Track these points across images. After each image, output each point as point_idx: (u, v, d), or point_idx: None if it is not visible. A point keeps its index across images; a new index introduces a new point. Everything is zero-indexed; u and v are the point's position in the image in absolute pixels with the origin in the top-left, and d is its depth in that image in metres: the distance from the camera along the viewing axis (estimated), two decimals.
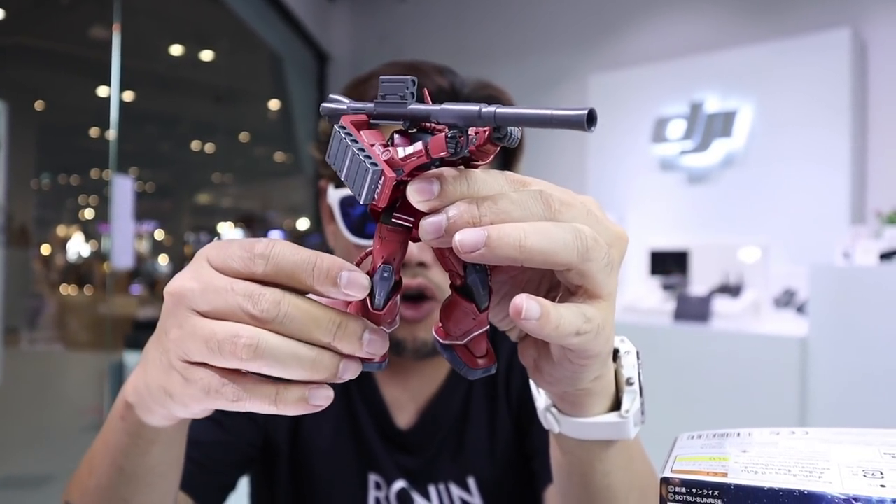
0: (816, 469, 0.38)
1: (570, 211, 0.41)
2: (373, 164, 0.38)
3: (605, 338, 0.43)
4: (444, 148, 0.37)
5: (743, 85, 3.97)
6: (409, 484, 0.99)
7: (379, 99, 0.40)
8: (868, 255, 3.07)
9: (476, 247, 0.37)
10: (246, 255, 0.42)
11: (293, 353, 0.40)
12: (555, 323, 0.38)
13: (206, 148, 7.97)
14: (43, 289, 5.03)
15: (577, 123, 0.34)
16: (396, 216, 0.41)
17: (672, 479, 0.39)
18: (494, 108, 0.36)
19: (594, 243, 0.40)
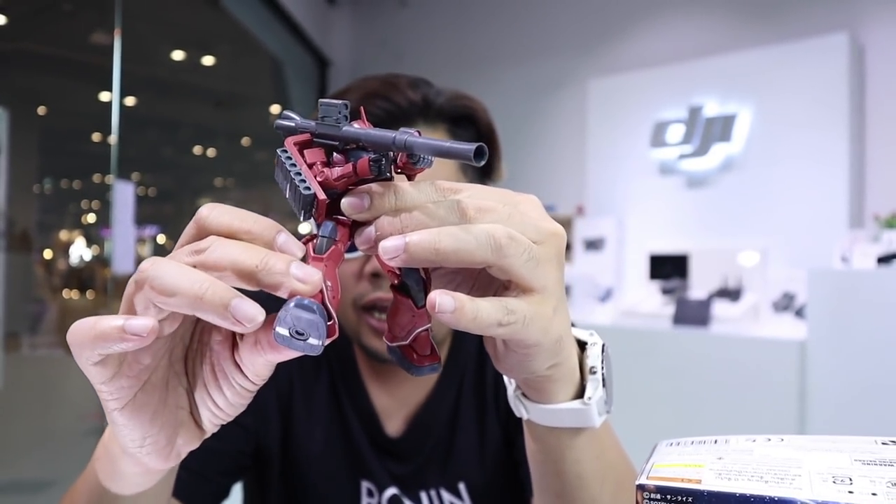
0: (788, 476, 0.39)
1: (488, 216, 0.44)
2: (306, 188, 0.42)
3: (541, 328, 0.46)
4: (367, 171, 0.42)
5: (741, 89, 3.98)
6: (401, 491, 1.00)
7: (319, 120, 0.44)
8: (866, 259, 3.07)
9: (396, 253, 0.41)
10: (194, 219, 0.44)
11: (181, 272, 0.40)
12: (471, 315, 0.42)
13: (207, 152, 7.98)
14: (44, 293, 5.03)
15: (465, 156, 0.38)
16: (336, 216, 0.44)
17: (647, 485, 0.40)
18: (406, 137, 0.40)
19: (508, 241, 0.43)
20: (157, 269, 0.40)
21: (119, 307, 0.46)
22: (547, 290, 0.46)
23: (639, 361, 3.51)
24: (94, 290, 5.58)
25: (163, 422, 0.48)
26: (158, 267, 0.40)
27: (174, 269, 0.40)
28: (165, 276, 0.40)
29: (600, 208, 4.50)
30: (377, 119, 0.91)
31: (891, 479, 0.37)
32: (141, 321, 0.40)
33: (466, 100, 0.97)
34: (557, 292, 0.47)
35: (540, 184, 4.95)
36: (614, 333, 3.67)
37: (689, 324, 3.54)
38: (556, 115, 4.93)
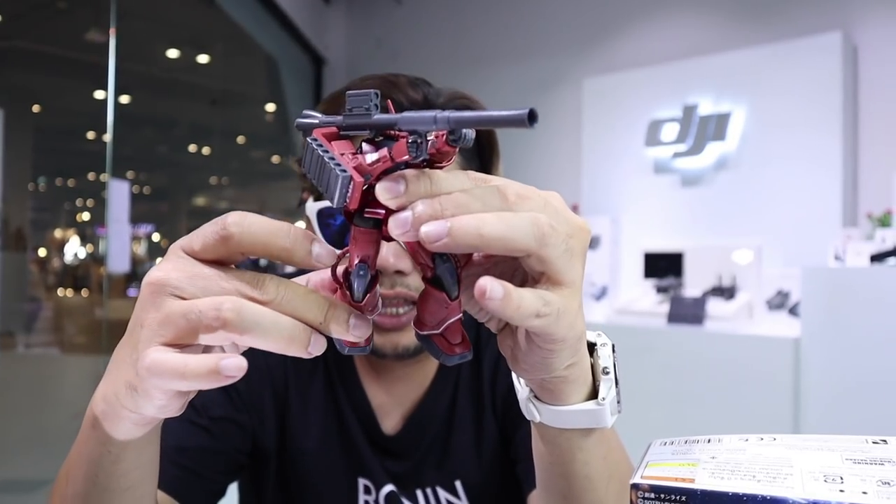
0: (780, 474, 0.39)
1: (527, 203, 0.44)
2: (342, 170, 0.41)
3: (568, 323, 0.45)
4: (405, 152, 0.41)
5: (736, 88, 3.99)
6: (398, 488, 1.00)
7: (346, 112, 0.43)
8: (859, 257, 3.09)
9: (440, 236, 0.40)
10: (219, 225, 0.44)
11: (274, 322, 0.43)
12: (516, 303, 0.41)
13: (202, 151, 7.97)
14: (39, 292, 5.02)
15: (518, 121, 0.38)
16: (368, 210, 0.44)
17: (641, 484, 0.41)
18: (448, 113, 0.39)
19: (551, 230, 0.43)
20: (244, 315, 0.42)
21: (113, 306, 0.47)
22: (575, 284, 0.46)
23: (634, 359, 3.51)
24: (89, 289, 5.57)
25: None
26: (244, 312, 0.42)
27: (267, 318, 0.43)
28: (257, 322, 0.42)
29: (595, 207, 4.51)
30: None
31: (881, 478, 0.38)
32: (235, 361, 0.42)
33: (466, 99, 0.97)
34: (580, 288, 0.47)
35: (535, 182, 4.84)
36: (609, 331, 3.64)
37: (683, 322, 3.55)
38: (551, 113, 4.93)
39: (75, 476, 0.59)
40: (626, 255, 4.34)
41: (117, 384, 0.49)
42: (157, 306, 0.44)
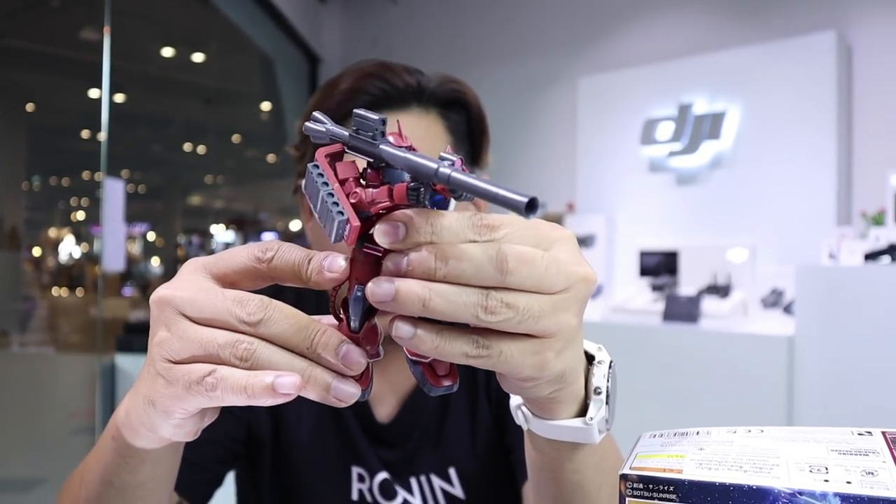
0: (766, 465, 0.40)
1: (526, 269, 0.42)
2: (339, 212, 0.41)
3: (534, 365, 0.44)
4: (405, 199, 0.40)
5: (731, 87, 4.00)
6: (392, 476, 1.01)
7: (352, 131, 0.43)
8: (854, 256, 3.10)
9: (385, 299, 0.41)
10: (256, 250, 0.46)
11: (288, 363, 0.44)
12: (432, 344, 0.42)
13: (197, 149, 7.96)
14: (34, 291, 5.02)
15: (516, 206, 0.36)
16: (367, 246, 0.44)
17: (630, 475, 0.41)
18: (450, 172, 0.38)
19: (501, 307, 0.41)
20: (224, 376, 0.44)
21: (108, 305, 0.48)
22: (551, 336, 0.44)
23: (629, 357, 3.52)
24: (84, 288, 5.56)
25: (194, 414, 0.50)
26: (225, 377, 0.44)
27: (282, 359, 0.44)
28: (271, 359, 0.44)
29: (590, 205, 4.52)
30: (373, 98, 0.94)
31: (865, 468, 0.39)
32: (290, 378, 0.43)
33: (456, 83, 1.00)
34: (566, 336, 0.45)
35: (530, 181, 4.96)
36: (604, 330, 3.69)
37: (678, 320, 3.56)
38: (546, 112, 4.94)
39: (91, 481, 0.61)
40: (622, 253, 4.35)
41: (137, 398, 0.50)
42: (166, 324, 0.46)
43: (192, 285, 0.46)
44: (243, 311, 0.44)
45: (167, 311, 0.46)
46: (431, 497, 1.01)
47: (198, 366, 0.44)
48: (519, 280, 0.42)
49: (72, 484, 0.69)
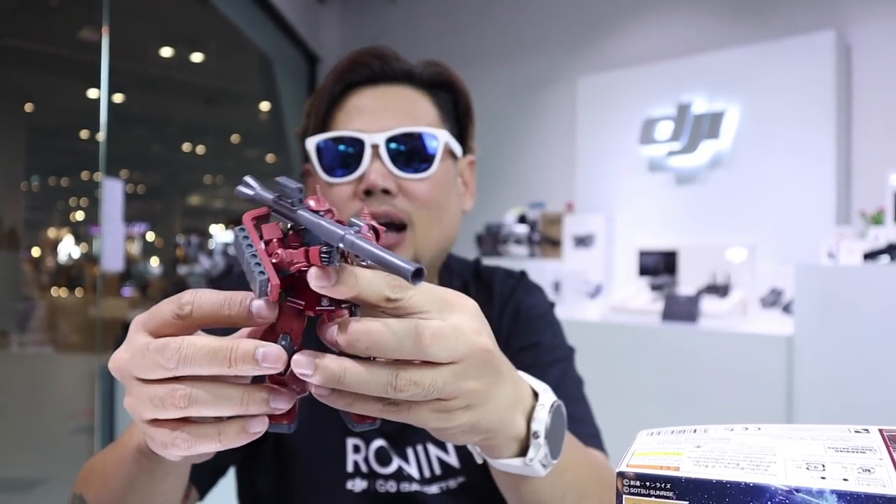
0: (763, 463, 0.40)
1: (441, 341, 0.48)
2: (261, 272, 0.46)
3: (439, 418, 0.52)
4: (318, 261, 0.45)
5: (730, 86, 4.00)
6: (388, 444, 1.02)
7: (276, 197, 0.48)
8: (853, 255, 3.09)
9: (306, 372, 0.47)
10: (175, 304, 0.49)
11: (222, 394, 0.47)
12: (345, 403, 0.49)
13: (196, 150, 7.96)
14: (33, 291, 5.02)
15: (403, 274, 0.42)
16: (290, 300, 0.49)
17: (627, 472, 0.41)
18: (353, 239, 0.43)
19: (409, 385, 0.47)
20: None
21: (107, 305, 0.52)
22: (453, 398, 0.51)
23: (627, 357, 3.52)
24: (83, 288, 5.56)
25: None
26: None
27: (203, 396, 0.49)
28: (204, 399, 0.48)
29: (590, 205, 4.52)
30: (371, 72, 1.02)
31: (862, 465, 0.39)
32: (258, 421, 0.49)
33: (440, 67, 1.08)
34: (469, 399, 0.51)
35: (530, 181, 4.96)
36: (603, 329, 3.69)
37: (677, 320, 3.56)
38: (545, 112, 4.94)
39: (115, 486, 0.68)
40: (621, 253, 4.35)
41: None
42: (128, 390, 0.51)
43: (133, 345, 0.50)
44: (163, 359, 0.47)
45: (124, 377, 0.51)
46: (427, 465, 1.02)
47: (163, 430, 0.49)
48: (433, 353, 0.48)
49: (94, 481, 0.74)
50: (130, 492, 0.66)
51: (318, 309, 0.49)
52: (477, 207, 1.16)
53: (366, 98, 1.01)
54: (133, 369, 0.49)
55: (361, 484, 1.01)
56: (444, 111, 1.06)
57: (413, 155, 0.98)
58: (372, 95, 1.01)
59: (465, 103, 1.09)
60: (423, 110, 1.02)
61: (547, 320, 1.11)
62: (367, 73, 1.02)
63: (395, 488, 1.00)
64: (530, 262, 4.17)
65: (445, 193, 1.02)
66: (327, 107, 1.02)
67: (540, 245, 4.47)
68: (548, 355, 1.04)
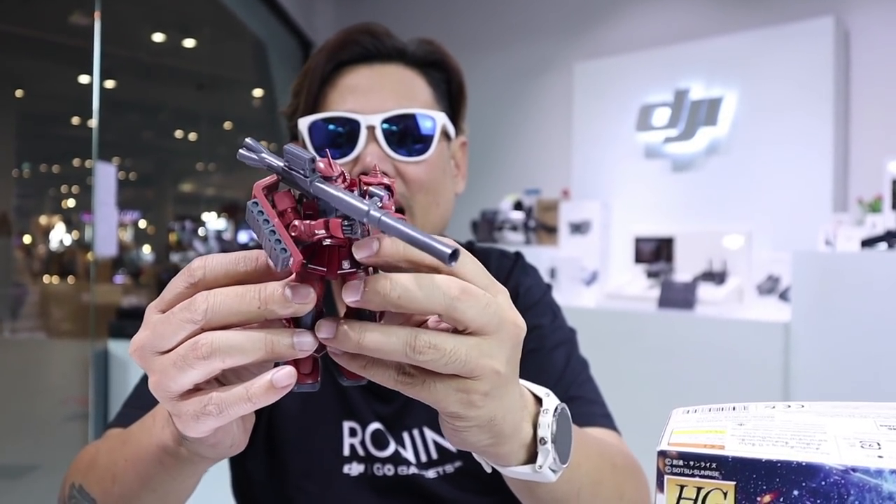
0: (814, 441, 0.38)
1: (472, 300, 0.46)
2: (283, 249, 0.44)
3: (461, 401, 0.48)
4: (339, 233, 0.44)
5: (727, 73, 3.98)
6: (385, 427, 1.01)
7: (285, 166, 0.46)
8: (850, 242, 3.09)
9: (327, 336, 0.46)
10: (186, 275, 0.48)
11: (245, 338, 0.46)
12: (360, 365, 0.48)
13: (189, 136, 7.90)
14: (25, 278, 4.98)
15: (440, 255, 0.40)
16: (311, 267, 0.47)
17: (669, 451, 0.39)
18: (379, 216, 0.41)
19: (427, 348, 0.45)
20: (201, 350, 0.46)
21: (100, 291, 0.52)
22: (476, 378, 0.48)
23: (624, 344, 3.51)
24: (75, 275, 5.53)
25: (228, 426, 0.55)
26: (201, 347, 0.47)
27: (232, 340, 0.47)
28: (229, 346, 0.47)
29: (586, 192, 4.50)
30: (363, 50, 1.00)
31: None
32: (284, 371, 0.47)
33: (433, 45, 1.05)
34: (492, 381, 0.48)
35: (525, 167, 4.94)
36: (600, 316, 3.68)
37: (674, 306, 3.55)
38: (541, 98, 4.92)
39: (128, 483, 0.67)
40: (617, 239, 4.34)
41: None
42: (151, 369, 0.49)
43: (152, 321, 0.49)
44: (191, 312, 0.46)
45: (145, 356, 0.49)
46: (423, 449, 1.01)
47: (193, 400, 0.48)
48: (462, 310, 0.45)
49: (99, 475, 0.72)
50: (146, 490, 0.65)
51: (340, 272, 0.47)
52: (472, 194, 1.15)
53: (359, 77, 0.99)
54: (155, 342, 0.48)
55: (358, 468, 1.00)
56: (437, 91, 1.04)
57: (409, 137, 0.97)
58: (365, 74, 0.99)
59: (458, 82, 1.07)
60: (418, 90, 1.01)
61: (546, 302, 1.09)
62: (359, 51, 1.00)
63: (392, 472, 0.99)
64: (526, 249, 4.15)
65: (441, 176, 1.01)
66: (318, 86, 1.00)
67: (536, 232, 4.45)
68: (550, 338, 1.03)
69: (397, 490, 0.99)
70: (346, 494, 1.00)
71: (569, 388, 0.98)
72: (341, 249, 0.47)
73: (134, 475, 0.65)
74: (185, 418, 0.48)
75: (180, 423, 0.50)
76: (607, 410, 1.00)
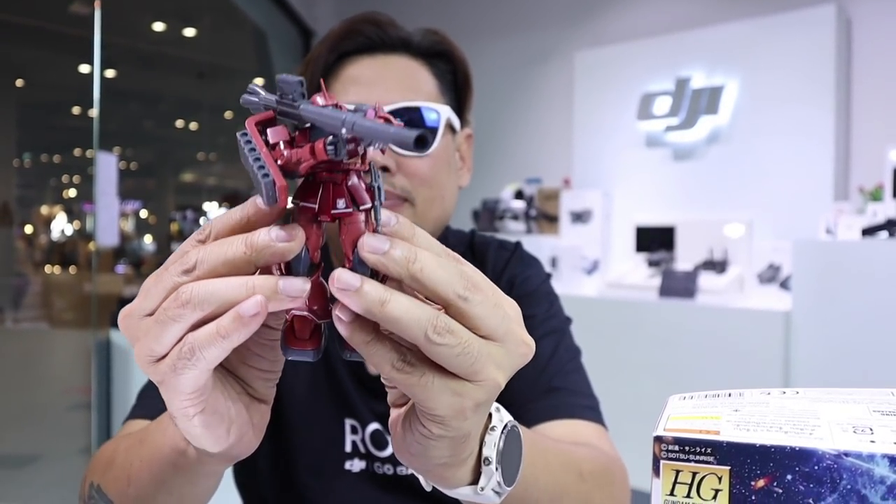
0: (807, 426, 0.38)
1: (479, 294, 0.43)
2: (265, 175, 0.41)
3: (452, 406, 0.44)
4: (324, 154, 0.41)
5: (729, 61, 3.97)
6: (383, 427, 1.01)
7: (279, 97, 0.43)
8: (851, 231, 3.09)
9: (348, 288, 0.41)
10: (195, 235, 0.45)
11: (226, 282, 0.42)
12: (364, 338, 0.43)
13: (190, 126, 7.90)
14: (27, 268, 4.99)
15: (404, 141, 0.36)
16: (302, 203, 0.44)
17: (665, 437, 0.40)
18: (354, 119, 0.38)
19: (446, 332, 0.42)
20: (195, 293, 0.43)
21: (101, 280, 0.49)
22: (477, 382, 0.44)
23: (625, 333, 3.52)
24: (77, 265, 5.55)
25: (234, 418, 0.50)
26: (195, 291, 0.43)
27: (217, 285, 0.43)
28: (211, 292, 0.43)
29: (587, 181, 4.50)
30: (367, 41, 0.98)
31: None
32: (251, 301, 0.42)
33: (438, 36, 1.03)
34: (489, 391, 0.45)
35: (527, 156, 4.93)
36: (601, 305, 3.68)
37: (674, 295, 3.56)
38: (542, 87, 4.91)
39: (144, 485, 0.64)
40: (618, 228, 4.34)
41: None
42: (135, 333, 0.45)
43: (144, 288, 0.46)
44: (181, 265, 0.43)
45: (132, 322, 0.46)
46: None
47: (169, 356, 0.44)
48: (474, 301, 0.43)
49: (115, 475, 0.70)
50: (161, 492, 0.63)
51: (335, 213, 0.44)
52: (473, 183, 1.14)
53: (362, 68, 0.97)
54: (145, 303, 0.45)
55: (360, 464, 1.00)
56: (443, 83, 1.02)
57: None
58: (369, 65, 0.98)
59: (464, 74, 1.05)
60: (422, 82, 0.99)
61: (542, 292, 1.08)
62: (362, 42, 0.98)
63: (391, 471, 0.99)
64: (527, 238, 4.16)
65: (445, 170, 1.00)
66: (321, 77, 0.98)
67: (537, 221, 4.45)
68: (540, 328, 1.01)
69: (398, 487, 1.00)
70: (349, 489, 1.00)
71: (552, 379, 0.97)
72: (336, 187, 0.44)
73: (149, 477, 0.63)
74: (165, 378, 0.44)
75: (163, 388, 0.46)
76: (593, 402, 0.98)
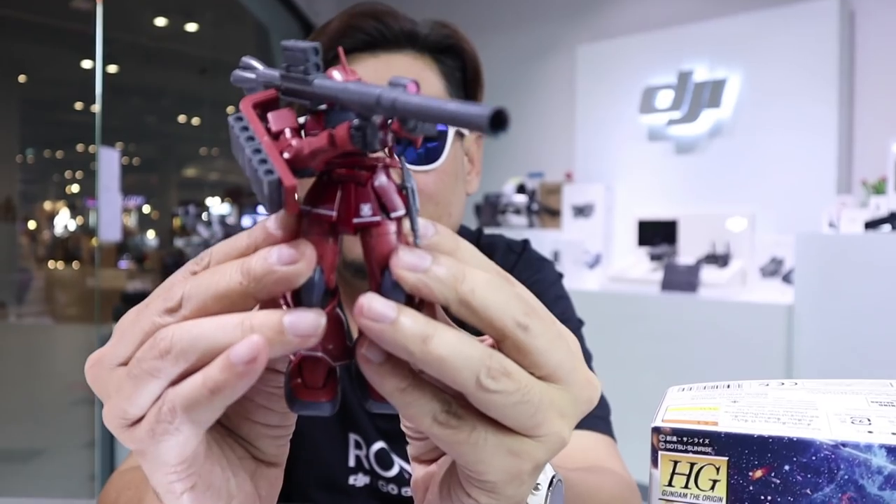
0: (805, 417, 0.38)
1: (541, 325, 0.34)
2: (267, 171, 0.30)
3: (506, 470, 0.34)
4: (348, 143, 0.30)
5: (731, 55, 3.96)
6: (388, 445, 0.99)
7: (283, 69, 0.33)
8: (854, 224, 3.09)
9: (380, 321, 0.30)
10: (190, 264, 0.36)
11: (216, 322, 0.32)
12: (398, 385, 0.32)
13: (192, 121, 7.90)
14: (30, 263, 5.01)
15: (478, 123, 0.26)
16: (316, 210, 0.33)
17: (663, 428, 0.40)
18: (394, 96, 0.28)
19: (501, 375, 0.32)
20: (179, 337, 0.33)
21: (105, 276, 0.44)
22: (538, 437, 0.35)
23: (627, 327, 3.52)
24: (80, 261, 5.55)
25: (234, 492, 0.40)
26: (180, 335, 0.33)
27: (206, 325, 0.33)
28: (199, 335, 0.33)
29: (589, 174, 4.50)
30: (367, 38, 0.89)
31: None
32: (244, 344, 0.31)
33: (449, 29, 0.95)
34: (552, 448, 0.35)
35: (529, 150, 4.93)
36: (603, 299, 3.68)
37: (677, 289, 3.56)
38: (544, 81, 4.90)
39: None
40: (620, 222, 4.34)
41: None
42: (105, 388, 0.35)
43: (118, 329, 0.36)
44: (164, 301, 0.34)
45: (101, 373, 0.36)
46: None
47: (147, 419, 0.34)
48: (535, 332, 0.33)
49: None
50: None
51: (358, 222, 0.32)
52: None
53: (363, 68, 0.89)
54: (118, 349, 0.35)
55: (364, 479, 0.98)
56: (450, 82, 0.95)
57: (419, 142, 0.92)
58: (370, 66, 0.89)
59: (475, 71, 0.98)
60: (428, 85, 0.91)
61: (553, 295, 1.05)
62: (362, 39, 0.89)
63: (395, 491, 0.97)
64: (529, 232, 4.16)
65: (452, 184, 0.92)
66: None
67: (539, 215, 4.45)
68: None
69: None
70: None
71: None
72: (359, 189, 0.33)
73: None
74: (144, 447, 0.35)
75: (143, 460, 0.36)
76: (604, 412, 0.94)
